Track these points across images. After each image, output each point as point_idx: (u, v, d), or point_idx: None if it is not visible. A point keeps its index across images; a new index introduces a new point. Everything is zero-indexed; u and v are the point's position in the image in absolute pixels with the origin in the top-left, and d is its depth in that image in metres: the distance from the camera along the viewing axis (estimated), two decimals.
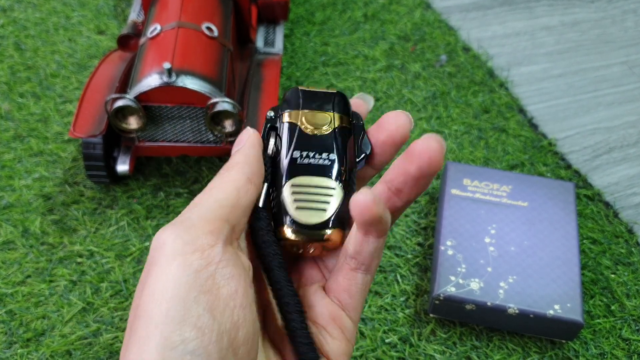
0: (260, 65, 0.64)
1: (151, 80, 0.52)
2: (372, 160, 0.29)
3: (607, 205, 0.62)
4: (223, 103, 0.53)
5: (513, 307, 0.48)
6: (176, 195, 0.60)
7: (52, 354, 0.48)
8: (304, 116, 0.28)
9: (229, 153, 0.59)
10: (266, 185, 0.27)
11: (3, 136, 0.64)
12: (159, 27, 0.57)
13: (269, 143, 0.28)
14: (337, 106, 0.29)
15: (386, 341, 0.51)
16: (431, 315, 0.51)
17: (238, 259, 0.24)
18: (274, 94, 0.59)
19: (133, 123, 0.54)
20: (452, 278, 0.50)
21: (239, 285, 0.23)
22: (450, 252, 0.51)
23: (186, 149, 0.58)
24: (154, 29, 0.57)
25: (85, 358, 0.48)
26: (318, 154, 0.27)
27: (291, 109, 0.29)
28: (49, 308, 0.51)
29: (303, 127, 0.28)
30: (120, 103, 0.52)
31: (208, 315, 0.22)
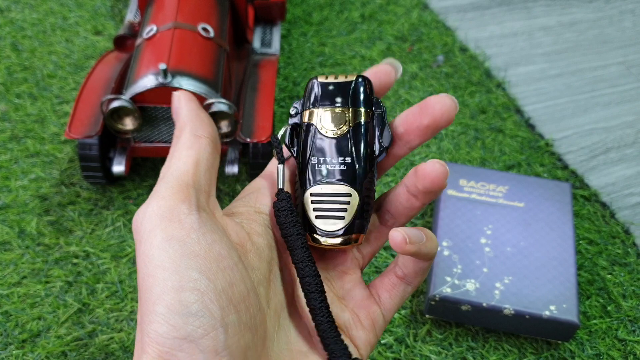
0: (256, 65, 0.64)
1: (147, 81, 0.52)
2: (399, 148, 0.30)
3: (604, 205, 0.62)
4: (219, 104, 0.53)
5: (509, 308, 0.48)
6: None
7: (48, 355, 0.48)
8: (321, 116, 0.29)
9: (225, 154, 0.59)
10: (283, 167, 0.29)
11: None
12: (155, 28, 0.57)
13: (294, 142, 0.30)
14: (356, 98, 0.29)
15: (382, 342, 0.51)
16: (427, 315, 0.51)
17: (214, 223, 0.25)
18: (271, 95, 0.59)
19: (129, 124, 0.54)
20: (448, 279, 0.50)
21: (222, 248, 0.24)
22: (446, 253, 0.51)
23: None
24: (150, 30, 0.57)
25: (80, 359, 0.48)
26: (334, 159, 0.29)
27: (310, 107, 0.30)
28: (45, 309, 0.51)
29: (320, 128, 0.29)
30: (115, 104, 0.52)
31: (203, 277, 0.23)
